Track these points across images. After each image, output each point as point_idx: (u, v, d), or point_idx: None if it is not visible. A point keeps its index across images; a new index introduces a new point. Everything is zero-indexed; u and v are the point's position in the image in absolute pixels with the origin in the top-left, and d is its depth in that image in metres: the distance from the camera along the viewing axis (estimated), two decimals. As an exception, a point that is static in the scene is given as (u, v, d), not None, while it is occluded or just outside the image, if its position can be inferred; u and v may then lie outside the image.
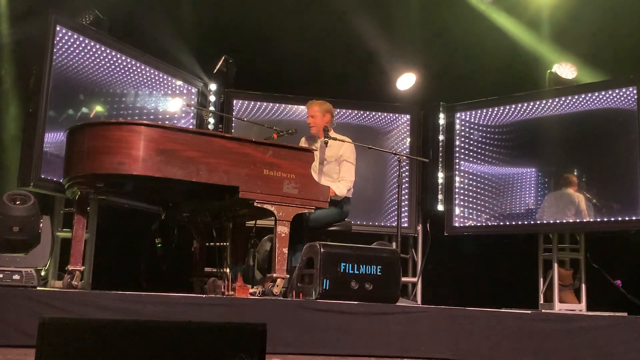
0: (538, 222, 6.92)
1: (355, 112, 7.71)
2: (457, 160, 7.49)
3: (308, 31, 7.25)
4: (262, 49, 7.41)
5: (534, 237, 7.00)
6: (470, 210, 7.37)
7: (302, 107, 6.93)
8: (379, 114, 7.74)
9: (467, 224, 7.37)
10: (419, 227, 7.59)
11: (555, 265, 6.77)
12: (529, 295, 6.85)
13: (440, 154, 7.54)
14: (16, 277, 4.14)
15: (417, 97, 7.80)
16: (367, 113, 7.72)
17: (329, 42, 7.39)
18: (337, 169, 5.71)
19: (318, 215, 5.26)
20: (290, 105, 7.42)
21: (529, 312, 4.72)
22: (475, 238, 7.38)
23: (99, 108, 6.11)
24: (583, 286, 6.68)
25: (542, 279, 6.89)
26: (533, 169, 7.09)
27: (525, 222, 7.01)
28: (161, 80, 6.76)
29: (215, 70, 7.27)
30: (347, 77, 7.65)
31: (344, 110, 7.66)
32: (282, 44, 7.30)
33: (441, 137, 7.57)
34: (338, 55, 7.53)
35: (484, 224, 7.27)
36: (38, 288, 4.16)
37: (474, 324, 4.24)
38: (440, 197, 7.48)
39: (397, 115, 7.75)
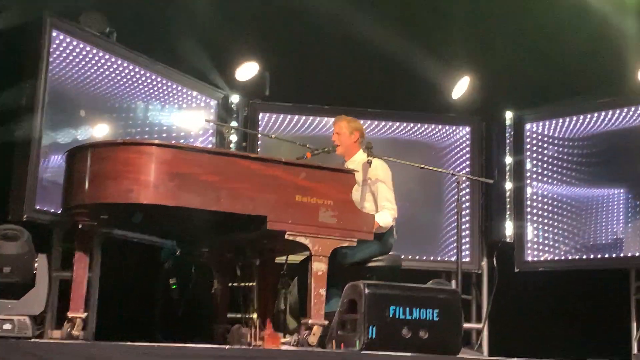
0: (629, 254, 6.79)
1: (404, 124, 7.68)
2: (529, 181, 7.42)
3: (347, 36, 7.23)
4: (293, 54, 7.42)
5: (625, 273, 6.87)
6: (546, 241, 7.26)
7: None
8: (432, 126, 7.69)
9: (542, 258, 7.27)
10: (484, 262, 7.52)
11: (651, 307, 6.66)
12: (620, 343, 6.71)
13: (508, 174, 7.47)
14: (7, 326, 4.16)
15: (477, 105, 7.68)
16: (418, 126, 7.69)
17: (370, 44, 7.36)
18: (370, 195, 5.52)
19: (354, 250, 5.12)
20: (326, 118, 7.32)
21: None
22: (552, 274, 7.26)
23: (102, 126, 6.19)
24: (685, 332, 6.55)
25: (635, 324, 6.76)
26: (621, 190, 6.97)
27: (614, 255, 6.88)
28: (174, 91, 6.83)
29: (246, 80, 7.33)
30: (391, 84, 7.60)
31: (390, 123, 7.64)
32: (317, 49, 7.31)
33: (508, 153, 7.50)
34: (379, 59, 7.48)
35: (562, 258, 7.17)
36: (33, 339, 4.18)
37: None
38: (508, 225, 7.39)
39: (453, 128, 7.68)
